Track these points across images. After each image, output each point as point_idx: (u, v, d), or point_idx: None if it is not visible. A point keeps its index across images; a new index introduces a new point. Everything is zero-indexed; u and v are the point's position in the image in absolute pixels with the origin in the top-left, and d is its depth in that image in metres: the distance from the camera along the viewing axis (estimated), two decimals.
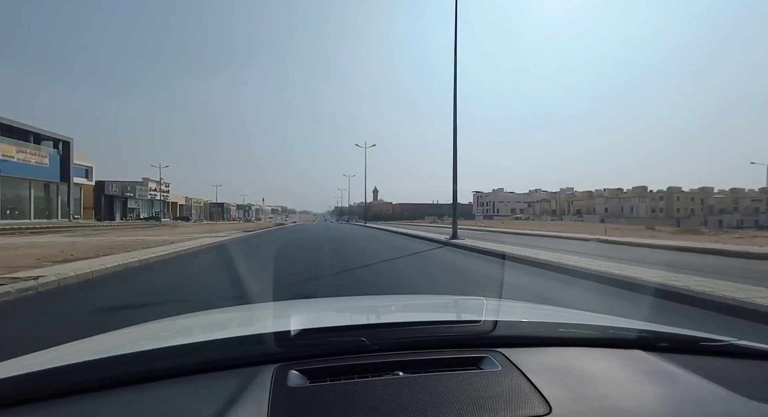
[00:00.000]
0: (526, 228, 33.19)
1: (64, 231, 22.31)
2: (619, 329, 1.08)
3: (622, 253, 10.74)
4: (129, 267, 7.69)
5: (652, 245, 13.27)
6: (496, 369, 0.81)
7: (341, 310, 1.57)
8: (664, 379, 0.82)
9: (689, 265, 8.21)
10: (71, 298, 5.11)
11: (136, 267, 7.85)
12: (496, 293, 5.61)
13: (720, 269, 7.59)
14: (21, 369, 0.79)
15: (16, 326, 3.85)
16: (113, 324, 1.73)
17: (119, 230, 25.07)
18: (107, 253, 9.17)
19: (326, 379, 0.76)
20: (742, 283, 5.56)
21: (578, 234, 20.31)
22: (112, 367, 0.80)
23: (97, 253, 9.16)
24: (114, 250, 10.11)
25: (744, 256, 10.15)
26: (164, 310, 4.30)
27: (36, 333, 3.57)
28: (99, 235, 18.61)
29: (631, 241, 14.99)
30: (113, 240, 14.20)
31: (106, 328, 1.34)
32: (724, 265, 8.38)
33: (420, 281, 6.54)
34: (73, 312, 4.43)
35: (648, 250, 11.94)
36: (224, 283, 6.14)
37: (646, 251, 11.66)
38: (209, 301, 4.70)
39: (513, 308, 1.57)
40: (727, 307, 4.39)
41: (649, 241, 15.11)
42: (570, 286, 6.07)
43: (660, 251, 11.71)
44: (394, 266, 8.48)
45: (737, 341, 1.00)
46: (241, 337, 0.97)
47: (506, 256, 9.53)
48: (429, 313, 1.50)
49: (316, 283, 6.31)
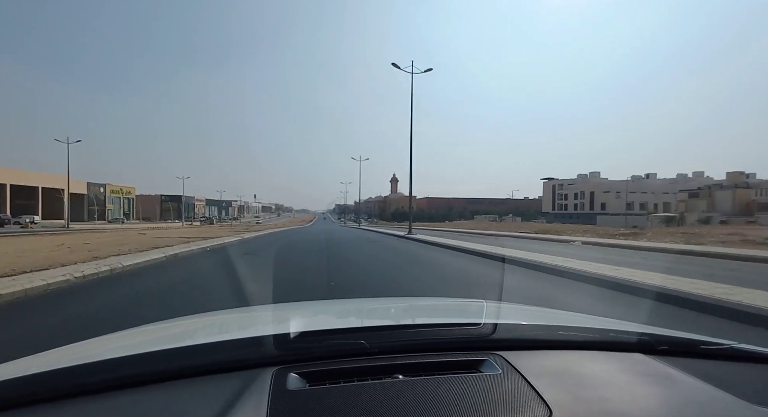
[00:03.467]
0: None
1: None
2: (620, 332, 1.08)
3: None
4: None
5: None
6: (496, 372, 0.81)
7: (341, 312, 1.57)
8: (665, 382, 0.82)
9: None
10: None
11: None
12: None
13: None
14: (24, 370, 0.79)
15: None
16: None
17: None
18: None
19: (325, 382, 0.76)
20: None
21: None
22: (112, 369, 0.80)
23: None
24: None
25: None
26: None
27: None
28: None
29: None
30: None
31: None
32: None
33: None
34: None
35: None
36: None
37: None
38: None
39: (513, 311, 1.57)
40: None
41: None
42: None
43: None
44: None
45: (737, 344, 1.00)
46: (241, 340, 0.97)
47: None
48: (429, 315, 1.49)
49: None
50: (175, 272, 8.40)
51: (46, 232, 27.26)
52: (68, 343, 1.09)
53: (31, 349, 1.08)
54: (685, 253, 11.93)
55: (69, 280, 6.34)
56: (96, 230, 32.07)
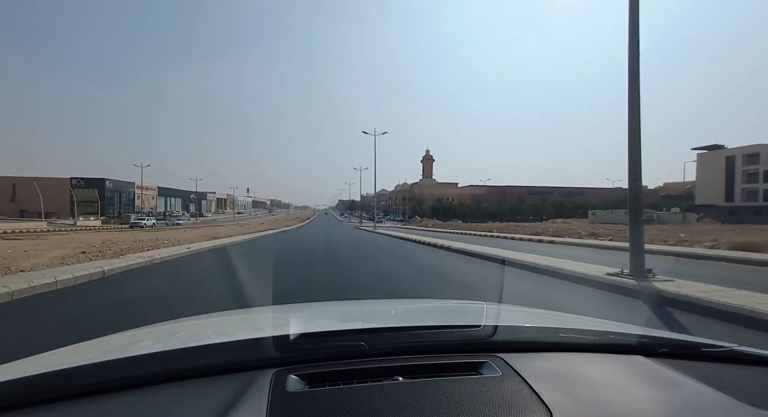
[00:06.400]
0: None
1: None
2: (620, 335, 1.08)
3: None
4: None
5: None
6: (497, 374, 0.81)
7: (341, 314, 1.57)
8: (665, 385, 0.82)
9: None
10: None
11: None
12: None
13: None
14: (25, 371, 0.79)
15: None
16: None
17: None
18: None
19: (325, 384, 0.76)
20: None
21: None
22: (111, 370, 0.80)
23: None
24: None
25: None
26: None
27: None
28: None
29: None
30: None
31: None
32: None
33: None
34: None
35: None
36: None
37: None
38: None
39: (513, 313, 1.56)
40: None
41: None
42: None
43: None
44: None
45: (738, 347, 1.00)
46: (240, 341, 0.97)
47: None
48: (429, 317, 1.49)
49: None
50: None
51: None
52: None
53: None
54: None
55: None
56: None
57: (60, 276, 6.30)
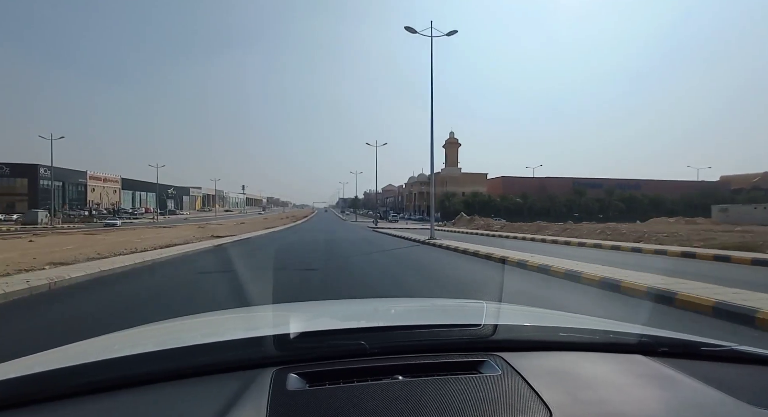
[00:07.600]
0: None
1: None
2: (620, 334, 1.08)
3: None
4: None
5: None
6: (496, 373, 0.81)
7: (341, 313, 1.57)
8: (665, 383, 0.82)
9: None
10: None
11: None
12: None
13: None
14: (24, 370, 0.79)
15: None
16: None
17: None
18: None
19: (325, 382, 0.76)
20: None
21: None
22: (111, 369, 0.80)
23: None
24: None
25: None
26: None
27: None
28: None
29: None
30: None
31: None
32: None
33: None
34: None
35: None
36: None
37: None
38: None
39: (513, 312, 1.56)
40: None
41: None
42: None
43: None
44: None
45: (738, 346, 1.00)
46: (241, 340, 0.97)
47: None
48: (429, 316, 1.49)
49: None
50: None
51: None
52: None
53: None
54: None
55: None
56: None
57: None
